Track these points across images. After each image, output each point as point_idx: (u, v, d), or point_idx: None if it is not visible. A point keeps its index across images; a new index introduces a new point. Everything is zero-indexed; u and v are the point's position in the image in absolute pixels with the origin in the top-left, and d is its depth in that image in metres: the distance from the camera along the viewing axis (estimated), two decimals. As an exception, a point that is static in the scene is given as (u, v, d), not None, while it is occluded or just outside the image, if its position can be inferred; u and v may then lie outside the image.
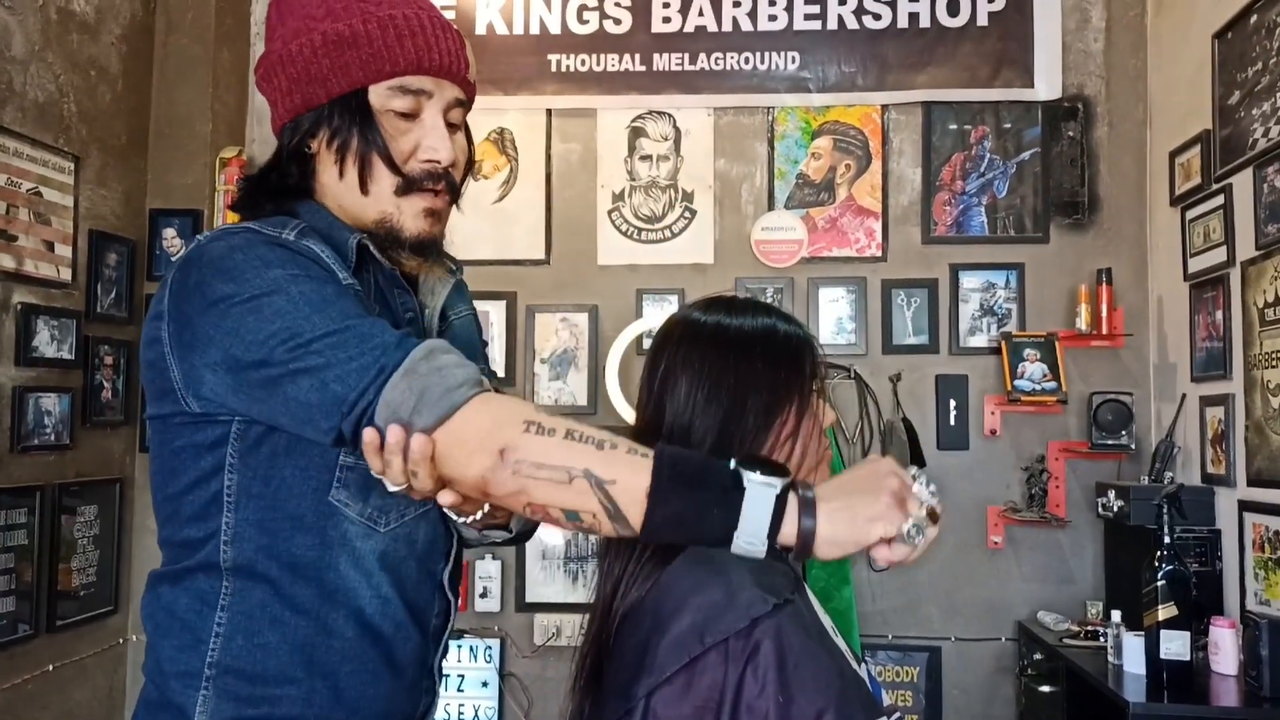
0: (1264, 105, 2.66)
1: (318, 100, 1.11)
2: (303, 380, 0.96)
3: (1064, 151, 3.44)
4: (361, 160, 1.11)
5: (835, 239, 3.49)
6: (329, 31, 1.08)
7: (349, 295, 1.03)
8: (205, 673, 1.06)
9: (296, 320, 0.97)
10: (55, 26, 2.98)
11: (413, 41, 1.09)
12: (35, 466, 2.89)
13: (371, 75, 1.09)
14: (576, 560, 3.47)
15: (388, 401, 0.93)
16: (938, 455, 3.38)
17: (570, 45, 3.55)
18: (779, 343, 1.12)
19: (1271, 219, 2.61)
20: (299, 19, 1.11)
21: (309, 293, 0.99)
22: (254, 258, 1.01)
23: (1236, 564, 2.75)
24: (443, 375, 0.93)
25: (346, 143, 1.11)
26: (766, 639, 0.95)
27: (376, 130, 1.10)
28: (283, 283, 0.99)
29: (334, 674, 1.08)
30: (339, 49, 1.08)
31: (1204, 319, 2.99)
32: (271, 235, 1.05)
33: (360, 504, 1.08)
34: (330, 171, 1.13)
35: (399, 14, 1.10)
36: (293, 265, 1.01)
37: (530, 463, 0.89)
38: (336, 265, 1.07)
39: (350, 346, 0.95)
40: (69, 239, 3.02)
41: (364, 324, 0.98)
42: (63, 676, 2.99)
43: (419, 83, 1.11)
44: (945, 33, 3.46)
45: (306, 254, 1.05)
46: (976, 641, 3.35)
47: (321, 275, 1.03)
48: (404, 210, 1.13)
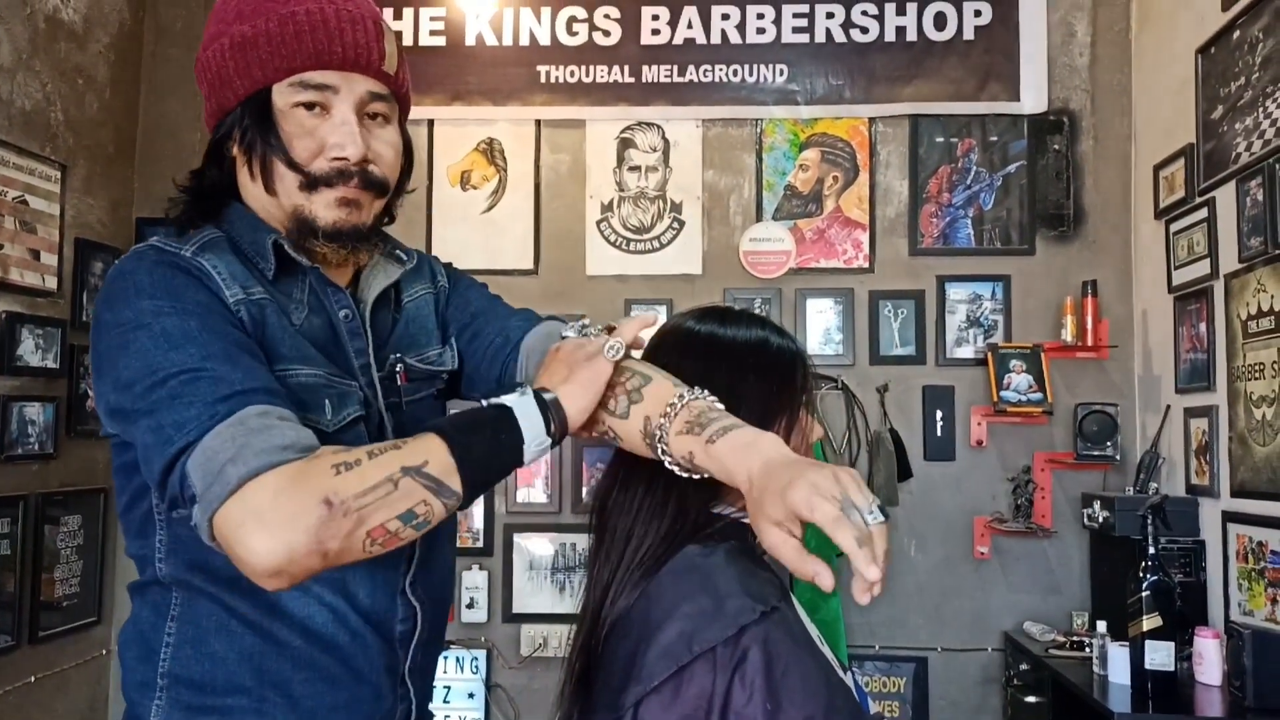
0: (1246, 120, 2.69)
1: (229, 103, 1.10)
2: (144, 421, 0.95)
3: (1049, 164, 3.47)
4: (263, 161, 1.09)
5: (823, 250, 3.51)
6: (235, 34, 1.08)
7: (218, 329, 0.99)
8: (159, 682, 1.07)
9: (154, 358, 0.96)
10: (43, 35, 2.97)
11: (312, 37, 1.07)
12: (18, 476, 2.87)
13: (270, 74, 1.08)
14: (564, 571, 3.46)
15: (206, 447, 0.91)
16: (925, 466, 3.40)
17: (559, 56, 3.56)
18: (771, 355, 1.13)
19: (1254, 232, 2.63)
20: (216, 23, 1.11)
21: (171, 329, 0.97)
22: (131, 286, 1.01)
23: (1220, 575, 2.77)
24: (271, 433, 0.91)
25: (252, 144, 1.10)
26: (754, 647, 0.95)
27: (273, 130, 1.08)
28: (148, 317, 0.98)
29: (286, 683, 1.07)
30: (242, 50, 1.08)
31: (1188, 331, 3.01)
32: (171, 252, 1.04)
33: None
34: (244, 172, 1.12)
35: (301, 9, 1.07)
36: (164, 295, 0.99)
37: (355, 495, 0.90)
38: (233, 280, 1.05)
39: (194, 389, 0.94)
40: (54, 247, 3.01)
41: (220, 367, 0.95)
42: (45, 688, 2.97)
43: (321, 78, 1.08)
44: (932, 46, 3.49)
45: (194, 272, 1.03)
46: (963, 652, 3.36)
47: (193, 305, 1.00)
48: (315, 201, 1.10)
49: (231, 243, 1.10)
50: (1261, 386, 2.58)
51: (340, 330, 1.14)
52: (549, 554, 3.46)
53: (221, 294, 1.03)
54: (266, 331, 1.06)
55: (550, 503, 3.47)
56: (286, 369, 1.06)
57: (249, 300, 1.05)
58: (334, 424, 1.08)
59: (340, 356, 1.13)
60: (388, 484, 0.91)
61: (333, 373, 1.10)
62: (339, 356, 1.13)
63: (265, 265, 1.10)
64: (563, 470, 3.48)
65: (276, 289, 1.10)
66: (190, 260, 1.04)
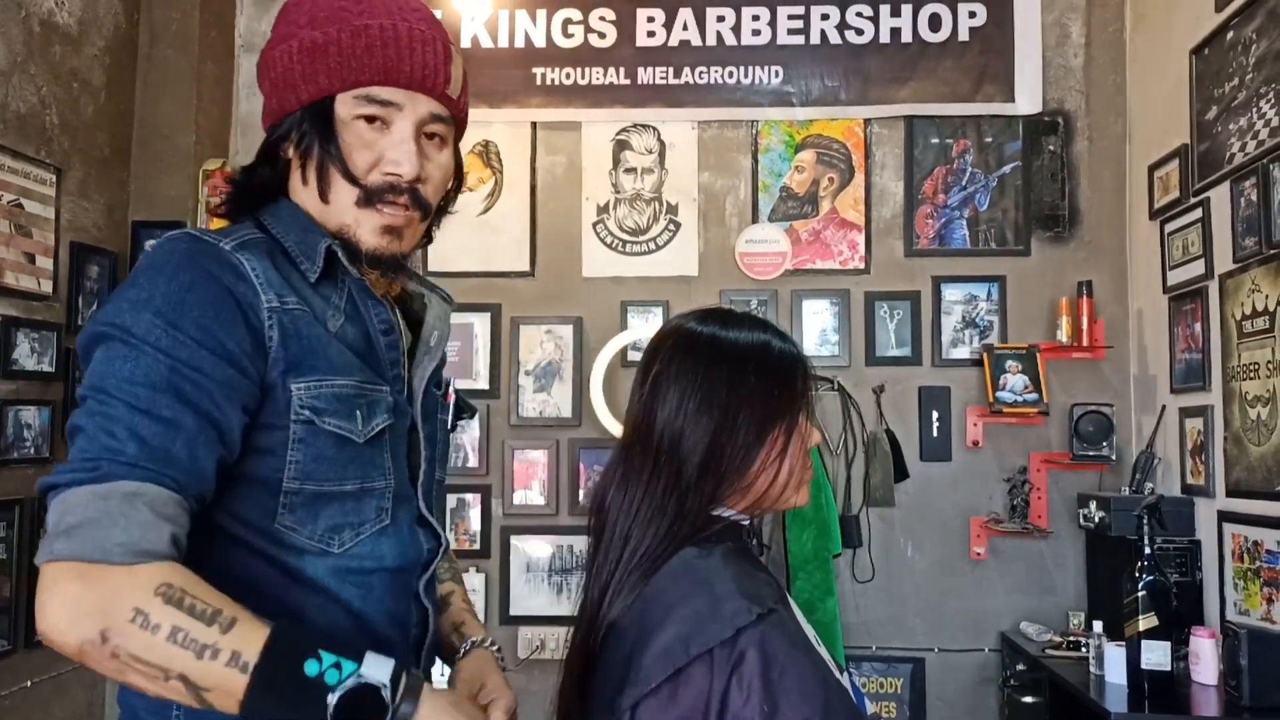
0: (1240, 120, 2.69)
1: (291, 106, 1.10)
2: (71, 424, 0.96)
3: (1045, 165, 3.47)
4: (320, 169, 1.10)
5: (819, 251, 3.51)
6: (305, 39, 1.08)
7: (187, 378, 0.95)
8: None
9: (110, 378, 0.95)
10: (38, 38, 2.97)
11: (383, 53, 1.08)
12: (14, 479, 2.86)
13: (337, 84, 1.08)
14: (561, 573, 3.46)
15: (64, 500, 0.90)
16: (921, 466, 3.40)
17: (555, 59, 3.57)
18: (773, 359, 1.13)
19: (1248, 232, 2.64)
20: (287, 25, 1.11)
21: (142, 362, 0.95)
22: (146, 285, 0.98)
23: (1216, 574, 2.77)
24: (118, 524, 0.89)
25: (309, 150, 1.10)
26: (751, 648, 0.96)
27: (334, 140, 1.09)
28: (139, 331, 0.96)
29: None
30: (311, 56, 1.08)
31: (1183, 331, 3.02)
32: (209, 244, 1.02)
33: (309, 527, 1.05)
34: (297, 176, 1.13)
35: (375, 24, 1.08)
36: (167, 314, 0.96)
37: (128, 653, 0.88)
38: (269, 286, 1.03)
39: (108, 431, 0.92)
40: (50, 251, 3.00)
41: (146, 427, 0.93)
42: (42, 693, 2.96)
43: (386, 94, 1.09)
44: (927, 48, 3.50)
45: (226, 275, 1.00)
46: (960, 652, 3.36)
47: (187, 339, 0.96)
48: (361, 224, 1.10)
49: (273, 242, 1.09)
50: (1256, 386, 2.59)
51: (376, 339, 1.14)
52: (546, 556, 3.46)
53: (256, 299, 1.02)
54: (300, 343, 1.04)
55: (547, 505, 3.47)
56: (321, 380, 1.05)
57: (283, 309, 1.03)
58: (364, 434, 1.07)
59: (374, 363, 1.12)
60: (160, 673, 0.88)
61: (365, 380, 1.09)
62: (373, 362, 1.12)
63: (309, 267, 1.09)
64: (560, 472, 3.48)
65: (315, 292, 1.09)
66: (229, 255, 1.02)
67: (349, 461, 1.06)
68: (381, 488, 1.10)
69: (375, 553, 1.09)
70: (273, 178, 1.14)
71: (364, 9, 1.09)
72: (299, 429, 1.02)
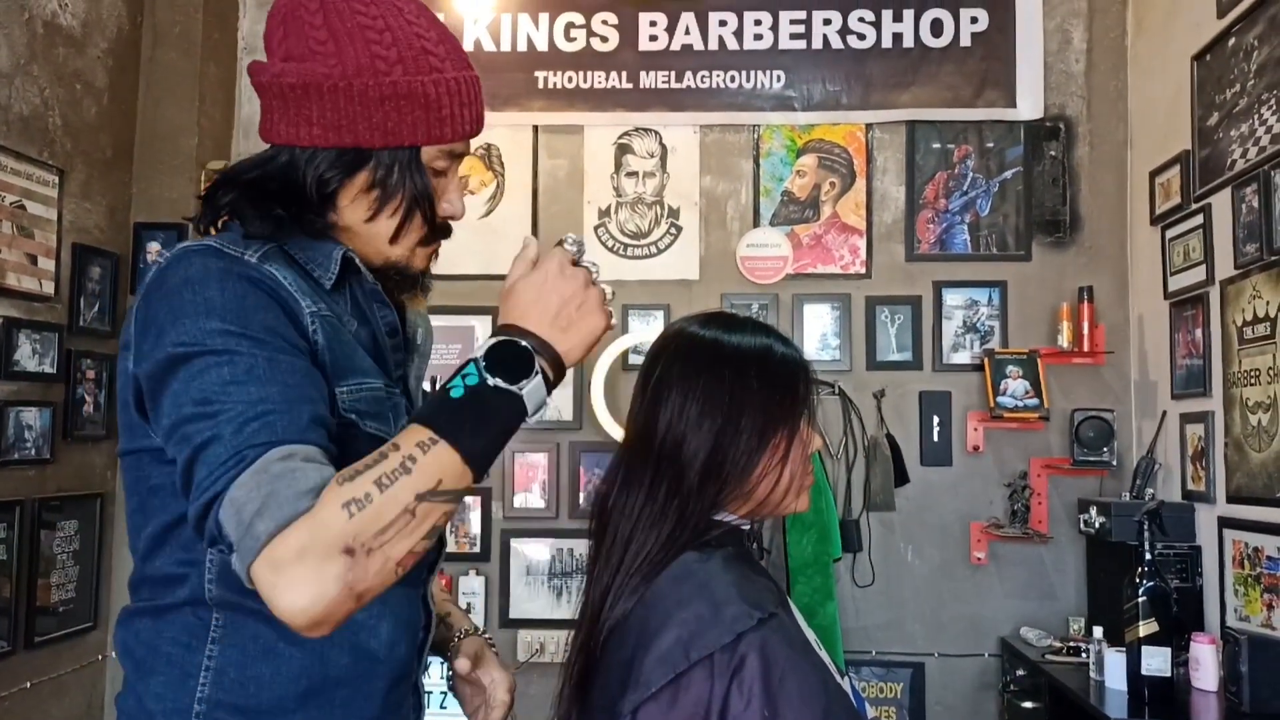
0: (1242, 127, 2.70)
1: (370, 144, 1.07)
2: (185, 450, 0.93)
3: (1046, 171, 3.48)
4: (406, 214, 1.10)
5: (820, 256, 3.51)
6: (400, 84, 1.06)
7: (280, 363, 0.95)
8: (195, 709, 1.02)
9: (209, 387, 0.92)
10: (41, 40, 2.97)
11: (470, 110, 1.11)
12: (15, 481, 2.86)
13: (435, 138, 1.09)
14: (560, 576, 3.46)
15: (233, 499, 0.88)
16: (921, 471, 3.40)
17: (557, 62, 3.57)
18: (775, 364, 1.13)
19: (1250, 238, 2.64)
20: (365, 54, 1.05)
21: (237, 362, 0.94)
22: (200, 301, 0.96)
23: (1216, 580, 2.77)
24: (294, 479, 0.88)
25: (392, 193, 1.09)
26: (752, 653, 0.96)
27: (430, 190, 1.11)
28: (216, 340, 0.94)
29: (329, 701, 1.06)
30: (410, 105, 1.07)
31: (1184, 337, 3.02)
32: (235, 257, 1.00)
33: None
34: (358, 211, 1.10)
35: (463, 77, 1.10)
36: (234, 318, 0.95)
37: (374, 534, 0.87)
38: (300, 289, 1.03)
39: (233, 430, 0.91)
40: (52, 252, 3.00)
41: (269, 411, 0.92)
42: (41, 694, 2.96)
43: (462, 147, 1.14)
44: (928, 53, 3.50)
45: (265, 282, 1.00)
46: (959, 658, 3.36)
47: (262, 332, 0.96)
48: (416, 255, 1.15)
49: (283, 253, 1.07)
50: (1257, 392, 2.59)
51: (383, 341, 1.15)
52: (546, 559, 3.46)
53: (297, 305, 1.01)
54: (340, 347, 1.05)
55: (548, 508, 3.47)
56: (361, 382, 1.06)
57: (320, 314, 1.03)
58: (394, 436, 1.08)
59: (384, 365, 1.14)
60: (405, 515, 0.88)
61: (385, 383, 1.11)
62: (383, 364, 1.14)
63: (324, 275, 1.08)
64: (560, 476, 3.49)
65: (321, 298, 1.07)
66: (257, 267, 1.01)
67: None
68: None
69: None
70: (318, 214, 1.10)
71: (444, 55, 1.10)
72: (340, 431, 1.01)
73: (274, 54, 1.10)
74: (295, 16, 1.08)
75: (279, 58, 1.08)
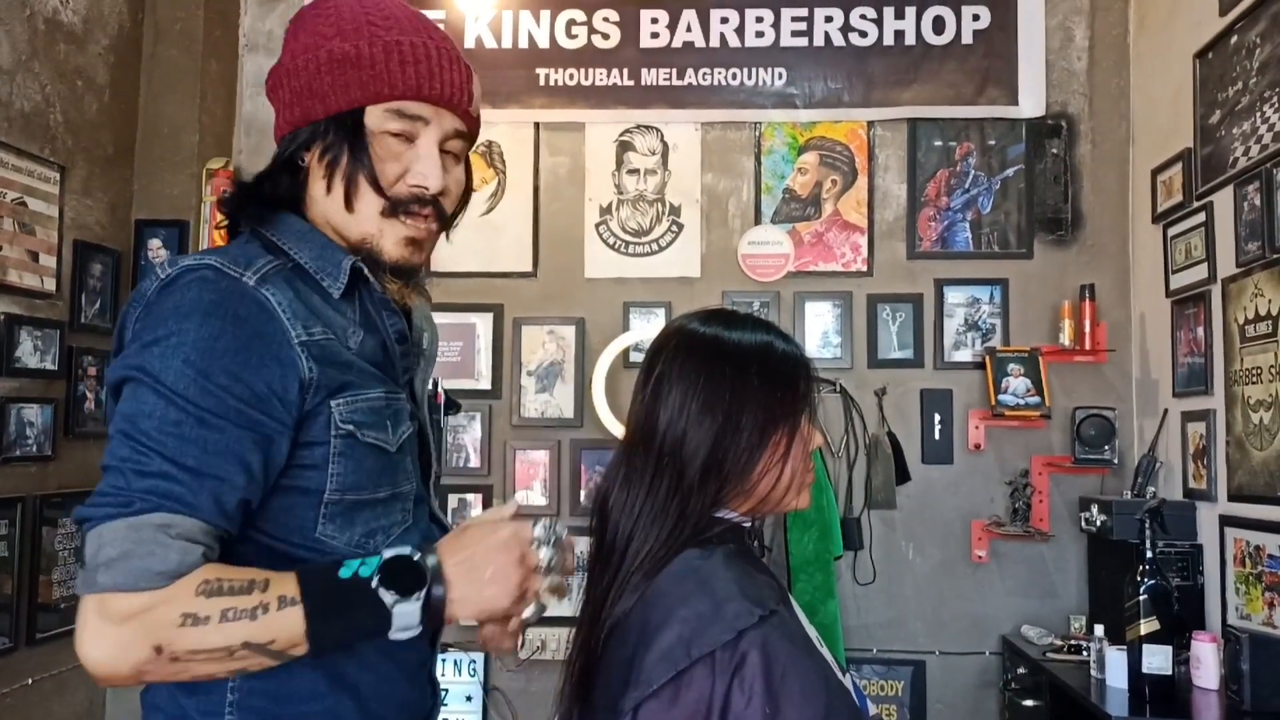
0: (1244, 125, 2.69)
1: (316, 115, 1.12)
2: (106, 457, 0.99)
3: (1048, 168, 3.47)
4: (348, 179, 1.11)
5: (821, 253, 3.51)
6: (335, 50, 1.10)
7: (215, 425, 0.98)
8: (229, 697, 1.05)
9: (144, 422, 0.97)
10: (42, 37, 2.97)
11: (415, 69, 1.11)
12: (16, 478, 2.86)
13: (369, 96, 1.10)
14: (562, 573, 3.45)
15: (99, 534, 0.94)
16: (922, 469, 3.40)
17: (558, 60, 3.57)
18: (776, 361, 1.13)
19: (1251, 237, 2.64)
20: (310, 35, 1.13)
21: (174, 412, 0.97)
22: (176, 334, 0.99)
23: (1218, 579, 2.77)
24: (154, 555, 0.93)
25: (336, 159, 1.11)
26: (753, 650, 0.96)
27: (365, 150, 1.11)
28: (169, 378, 0.97)
29: (355, 687, 1.10)
30: (342, 68, 1.10)
31: (1185, 335, 3.02)
32: (233, 277, 1.03)
33: (346, 534, 1.09)
34: (319, 185, 1.13)
35: (406, 40, 1.11)
36: (197, 362, 0.98)
37: (187, 650, 0.93)
38: (295, 319, 1.04)
39: (141, 472, 0.95)
40: (53, 249, 3.01)
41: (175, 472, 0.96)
42: (43, 690, 2.96)
43: (416, 109, 1.12)
44: (930, 50, 3.50)
45: (253, 317, 1.02)
46: (961, 655, 3.36)
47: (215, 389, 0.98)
48: (385, 234, 1.13)
49: (289, 262, 1.10)
50: (1259, 391, 2.59)
51: (391, 347, 1.16)
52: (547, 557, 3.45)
53: (286, 334, 1.03)
54: (333, 367, 1.07)
55: (549, 505, 3.47)
56: (357, 395, 1.09)
57: (311, 341, 1.05)
58: (394, 443, 1.12)
59: (390, 372, 1.16)
60: (224, 652, 0.94)
61: (388, 391, 1.13)
62: (389, 372, 1.15)
63: (332, 284, 1.11)
64: (561, 473, 3.48)
65: (334, 310, 1.11)
66: (254, 292, 1.03)
67: (382, 470, 1.11)
68: (406, 491, 1.16)
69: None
70: (292, 186, 1.15)
71: (391, 25, 1.12)
72: (339, 443, 1.06)
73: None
74: (286, 30, 1.19)
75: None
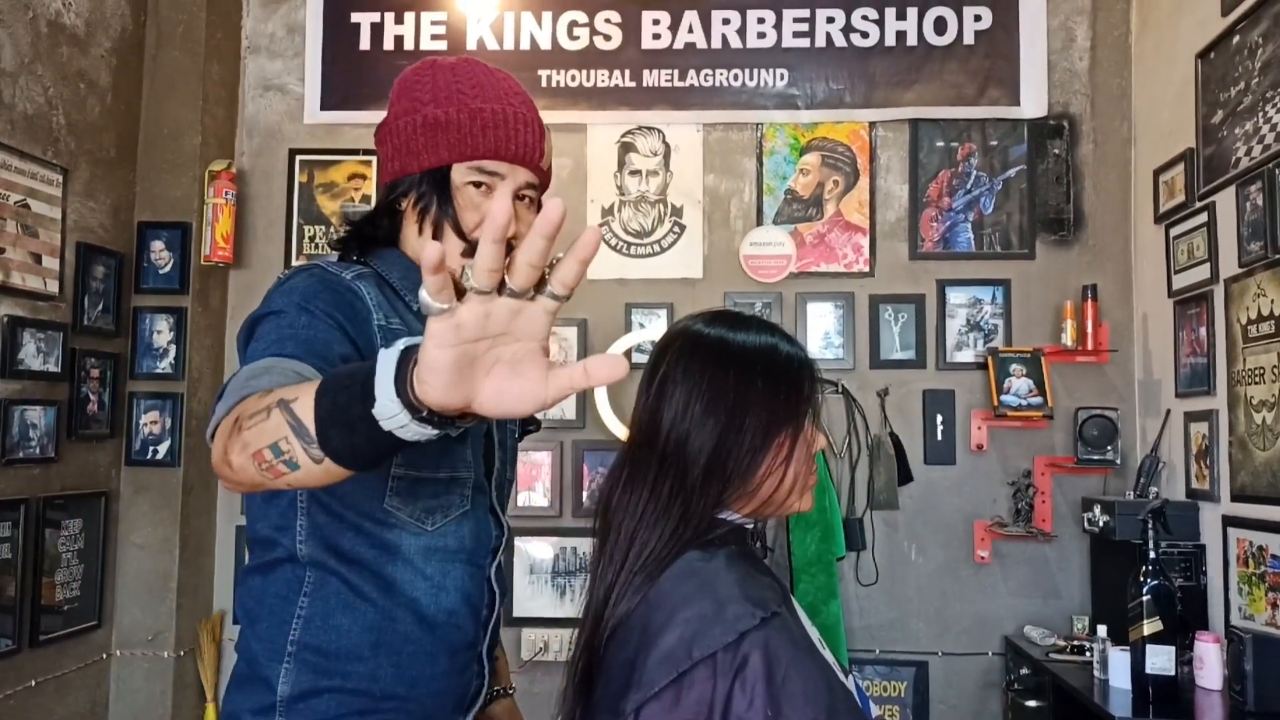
0: (1246, 125, 2.69)
1: (411, 169, 1.33)
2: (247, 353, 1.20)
3: (1050, 169, 3.47)
4: (436, 225, 1.31)
5: (823, 254, 3.51)
6: (429, 116, 1.31)
7: (312, 330, 1.19)
8: (288, 649, 1.25)
9: (269, 334, 1.18)
10: (45, 39, 2.97)
11: (494, 133, 1.31)
12: (20, 479, 2.87)
13: (455, 156, 1.31)
14: (564, 575, 3.46)
15: (230, 381, 1.11)
16: (925, 470, 3.40)
17: (560, 61, 3.57)
18: (781, 363, 1.13)
19: (1254, 237, 2.63)
20: (411, 100, 1.34)
21: (286, 323, 1.19)
22: (288, 291, 1.23)
23: (1221, 579, 2.77)
24: (255, 380, 1.07)
25: (427, 208, 1.32)
26: (755, 652, 0.96)
27: (451, 202, 1.31)
28: (289, 310, 1.20)
29: (397, 654, 1.26)
30: (433, 131, 1.31)
31: (1188, 335, 3.02)
32: (332, 274, 1.27)
33: (410, 507, 1.27)
34: (412, 228, 1.35)
35: (489, 108, 1.32)
36: (300, 301, 1.21)
37: (247, 415, 1.01)
38: (378, 308, 1.26)
39: (265, 349, 1.16)
40: (56, 251, 3.01)
41: (285, 345, 1.15)
42: (45, 692, 2.97)
43: (494, 166, 1.32)
44: (932, 51, 3.50)
45: (348, 292, 1.25)
46: (964, 656, 3.36)
47: (317, 311, 1.21)
48: (467, 269, 1.27)
49: (379, 278, 1.32)
50: (1261, 391, 2.58)
51: None
52: (549, 558, 3.46)
53: (369, 314, 1.25)
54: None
55: (551, 506, 3.48)
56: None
57: (389, 328, 1.26)
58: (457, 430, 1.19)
59: None
60: (264, 412, 0.98)
61: None
62: None
63: (413, 299, 1.31)
64: (564, 474, 3.49)
65: (416, 319, 1.30)
66: (349, 283, 1.27)
67: (443, 453, 1.28)
68: (465, 478, 1.32)
69: (459, 533, 1.32)
70: (390, 228, 1.37)
71: (478, 93, 1.33)
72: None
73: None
74: (392, 90, 1.39)
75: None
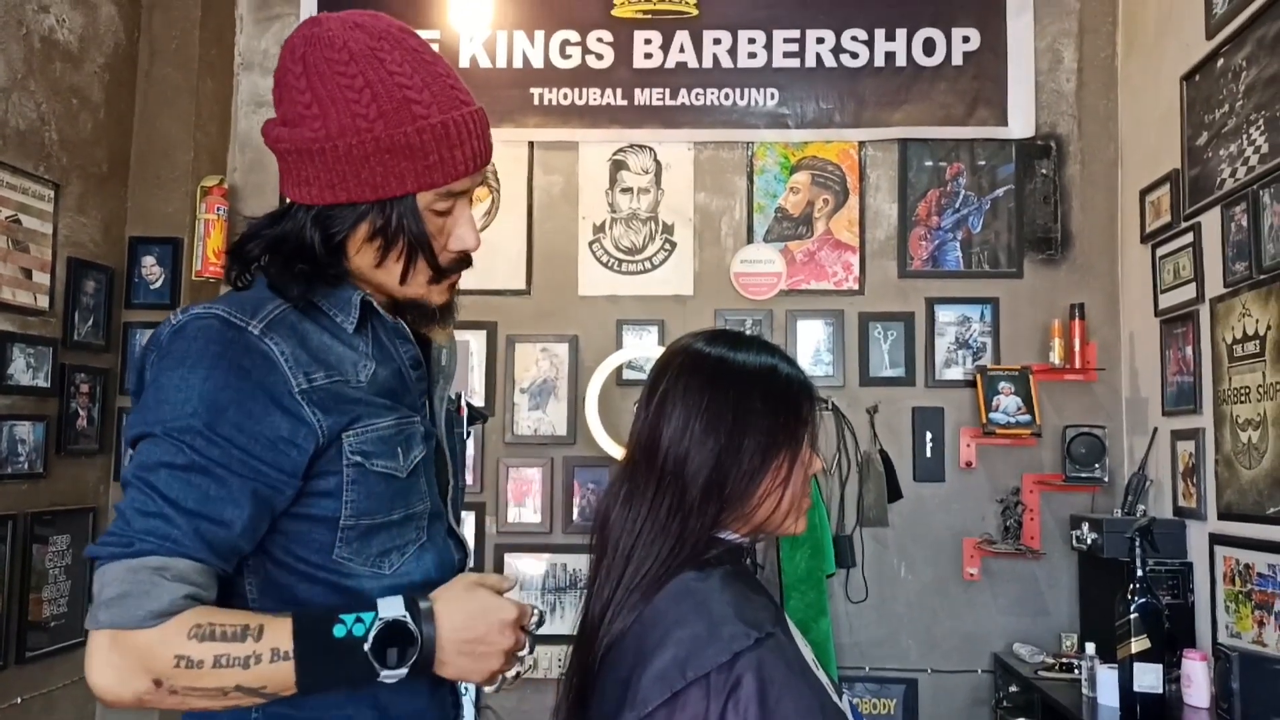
0: (1231, 146, 2.72)
1: (363, 198, 1.11)
2: (122, 501, 1.05)
3: (1037, 189, 3.50)
4: (408, 258, 1.15)
5: (813, 272, 3.53)
6: (382, 138, 1.08)
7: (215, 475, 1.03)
8: (252, 714, 1.11)
9: (152, 466, 1.03)
10: (38, 55, 2.98)
11: (463, 150, 1.12)
12: (8, 495, 2.85)
13: (424, 185, 1.12)
14: (555, 591, 3.45)
15: (102, 574, 1.01)
16: (914, 487, 3.41)
17: (552, 79, 3.59)
18: (780, 385, 1.13)
19: (1239, 257, 2.66)
20: (346, 114, 1.08)
21: (181, 458, 1.03)
22: (184, 388, 1.04)
23: (1208, 597, 2.78)
24: (150, 595, 0.99)
25: (393, 240, 1.13)
26: (748, 673, 0.96)
27: (426, 234, 1.14)
28: (175, 427, 1.03)
29: (374, 695, 1.14)
30: (393, 157, 1.09)
31: (1175, 354, 3.04)
32: (239, 327, 1.06)
33: (362, 555, 1.14)
34: (365, 258, 1.15)
35: (450, 119, 1.11)
36: (204, 414, 1.03)
37: (185, 685, 1.00)
38: (298, 367, 1.08)
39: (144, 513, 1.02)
40: (47, 266, 3.01)
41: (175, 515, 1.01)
42: (32, 709, 2.94)
43: (463, 184, 1.15)
44: (921, 71, 3.53)
45: (256, 368, 1.06)
46: (953, 674, 3.36)
47: (220, 439, 1.03)
48: (432, 292, 1.20)
49: (301, 311, 1.12)
50: (1247, 410, 2.60)
51: (407, 374, 1.21)
52: (540, 574, 3.46)
53: (288, 384, 1.07)
54: (338, 406, 1.11)
55: (542, 523, 3.47)
56: (367, 426, 1.13)
57: (312, 389, 1.09)
58: (405, 469, 1.16)
59: (406, 397, 1.20)
60: (218, 691, 1.00)
61: (400, 417, 1.17)
62: (405, 397, 1.20)
63: (346, 320, 1.15)
64: (554, 490, 3.49)
65: (345, 344, 1.14)
66: (258, 342, 1.07)
67: (395, 495, 1.15)
68: (420, 510, 1.20)
69: (421, 567, 1.20)
70: (331, 265, 1.15)
71: (424, 96, 1.10)
72: (351, 472, 1.11)
73: (275, 117, 1.16)
74: (284, 82, 1.13)
75: (278, 122, 1.14)
